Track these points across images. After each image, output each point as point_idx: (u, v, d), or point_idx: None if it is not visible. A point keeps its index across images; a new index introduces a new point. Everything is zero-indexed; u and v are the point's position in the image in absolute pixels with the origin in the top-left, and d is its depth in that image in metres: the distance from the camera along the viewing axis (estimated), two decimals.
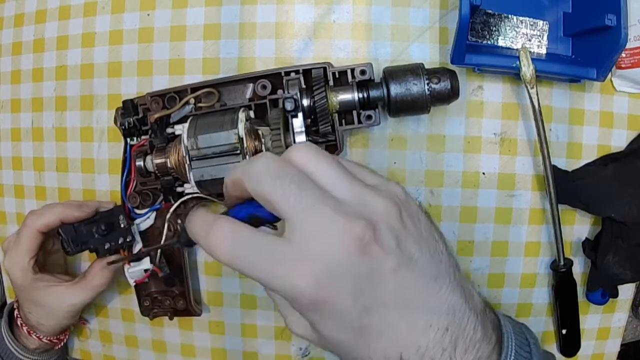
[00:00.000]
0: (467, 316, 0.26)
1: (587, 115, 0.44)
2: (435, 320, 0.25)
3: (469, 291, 0.27)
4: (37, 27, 0.50)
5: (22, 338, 0.45)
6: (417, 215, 0.27)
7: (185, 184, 0.41)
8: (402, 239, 0.25)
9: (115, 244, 0.42)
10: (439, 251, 0.27)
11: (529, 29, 0.42)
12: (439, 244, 0.27)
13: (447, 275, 0.26)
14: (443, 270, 0.26)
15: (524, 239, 0.45)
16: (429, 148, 0.44)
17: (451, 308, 0.25)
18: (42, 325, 0.44)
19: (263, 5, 0.44)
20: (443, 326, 0.25)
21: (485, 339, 0.26)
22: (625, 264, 0.42)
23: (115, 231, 0.42)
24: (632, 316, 0.49)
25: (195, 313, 0.46)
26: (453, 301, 0.26)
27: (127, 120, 0.42)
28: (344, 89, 0.39)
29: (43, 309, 0.43)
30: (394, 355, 0.25)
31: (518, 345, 0.28)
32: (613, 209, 0.42)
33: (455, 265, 0.27)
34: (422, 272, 0.25)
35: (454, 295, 0.26)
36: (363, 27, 0.44)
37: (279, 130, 0.37)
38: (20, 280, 0.42)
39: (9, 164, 0.52)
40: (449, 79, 0.38)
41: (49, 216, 0.41)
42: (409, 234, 0.25)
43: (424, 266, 0.25)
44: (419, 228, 0.26)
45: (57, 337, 0.46)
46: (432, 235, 0.27)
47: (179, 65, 0.46)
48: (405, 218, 0.25)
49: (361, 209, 0.24)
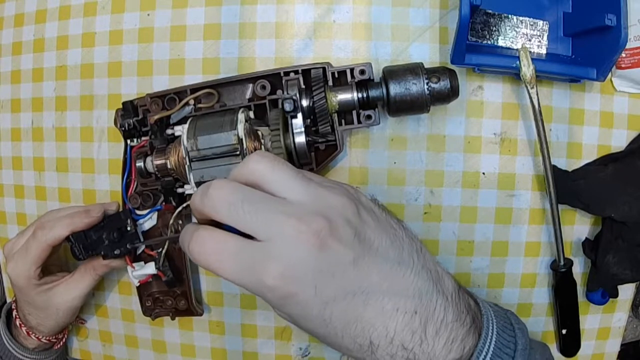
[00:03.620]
0: (435, 298, 0.27)
1: (587, 115, 0.44)
2: (402, 304, 0.26)
3: (436, 274, 0.28)
4: (37, 27, 0.50)
5: (20, 338, 0.45)
6: (370, 207, 0.28)
7: (185, 185, 0.41)
8: (359, 230, 0.26)
9: (124, 249, 0.42)
10: (399, 237, 0.28)
11: (529, 29, 0.42)
12: (397, 231, 0.28)
13: (411, 259, 0.27)
14: (405, 255, 0.27)
15: (524, 239, 0.45)
16: (429, 148, 0.44)
17: (417, 291, 0.26)
18: (42, 325, 0.44)
19: (263, 5, 0.44)
20: (411, 309, 0.26)
21: (459, 320, 0.27)
22: (625, 264, 0.42)
23: (124, 237, 0.42)
24: (632, 316, 0.49)
25: (197, 313, 0.46)
26: (419, 284, 0.27)
27: (127, 122, 0.42)
28: (343, 89, 0.39)
29: (43, 311, 0.43)
30: (364, 340, 0.26)
31: (500, 329, 0.28)
32: (613, 209, 0.42)
33: (420, 249, 0.29)
34: (383, 258, 0.26)
35: (419, 279, 0.27)
36: (363, 27, 0.44)
37: (278, 131, 0.37)
38: (23, 286, 0.42)
39: (9, 164, 0.52)
40: (448, 78, 0.38)
41: (59, 230, 0.40)
42: (365, 224, 0.27)
43: (384, 253, 0.27)
44: (375, 218, 0.28)
45: (56, 337, 0.46)
46: (389, 223, 0.28)
47: (179, 65, 0.46)
48: (361, 210, 0.27)
49: (317, 207, 0.26)
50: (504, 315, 0.30)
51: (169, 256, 0.44)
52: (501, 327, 0.28)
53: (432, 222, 0.45)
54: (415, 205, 0.44)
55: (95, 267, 0.44)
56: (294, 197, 0.26)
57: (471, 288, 0.45)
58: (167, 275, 0.43)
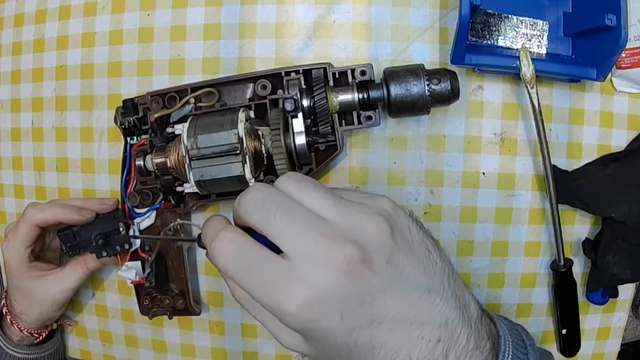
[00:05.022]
0: (460, 326, 0.26)
1: (587, 115, 0.44)
2: (428, 332, 0.25)
3: (464, 300, 0.27)
4: (37, 27, 0.50)
5: (6, 328, 0.45)
6: (407, 228, 0.27)
7: (185, 184, 0.41)
8: (392, 256, 0.25)
9: (112, 251, 0.42)
10: (432, 262, 0.27)
11: (529, 29, 0.42)
12: (432, 255, 0.27)
13: (441, 286, 0.26)
14: (437, 281, 0.26)
15: (524, 239, 0.45)
16: (429, 148, 0.44)
17: (444, 319, 0.26)
18: (25, 314, 0.44)
19: (263, 5, 0.44)
20: (435, 337, 0.25)
21: (479, 347, 0.26)
22: (625, 264, 0.42)
23: (114, 239, 0.42)
24: (632, 316, 0.49)
25: (195, 312, 0.46)
26: (447, 312, 0.26)
27: (127, 120, 0.42)
28: (344, 89, 0.39)
29: (29, 297, 0.44)
30: None
31: (515, 348, 0.28)
32: (613, 209, 0.42)
33: (451, 275, 0.27)
34: (414, 286, 0.25)
35: (448, 307, 0.26)
36: (363, 27, 0.44)
37: (278, 131, 0.37)
38: (14, 267, 0.43)
39: (9, 164, 0.52)
40: (449, 79, 0.38)
41: (47, 214, 0.41)
42: (399, 249, 0.25)
43: (416, 280, 0.25)
44: (411, 241, 0.26)
45: (38, 332, 0.46)
46: (424, 246, 0.27)
47: (179, 65, 0.46)
48: (395, 233, 0.26)
49: (350, 230, 0.24)
50: (516, 333, 0.30)
51: (165, 256, 0.44)
52: (516, 346, 0.28)
53: (432, 222, 0.45)
54: (415, 205, 0.44)
55: (87, 262, 0.44)
56: (327, 216, 0.25)
57: (471, 288, 0.45)
58: (149, 282, 0.44)
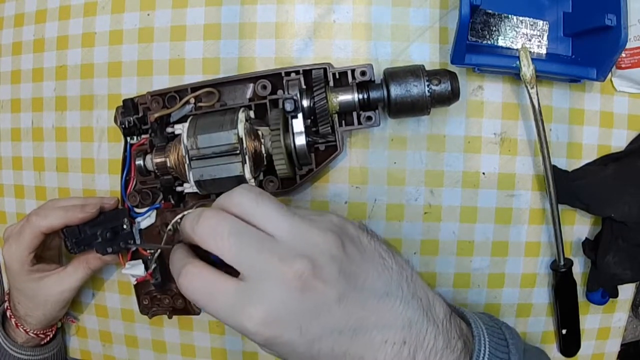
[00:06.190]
0: (425, 327, 0.27)
1: (587, 115, 0.44)
2: (391, 336, 0.26)
3: (427, 301, 0.28)
4: (37, 27, 0.50)
5: (10, 331, 0.45)
6: (358, 238, 0.28)
7: (184, 184, 0.41)
8: (344, 266, 0.26)
9: (117, 248, 0.42)
10: (388, 267, 0.28)
11: (529, 29, 0.42)
12: (387, 260, 0.28)
13: (400, 289, 0.27)
14: (394, 285, 0.27)
15: (524, 239, 0.45)
16: (429, 148, 0.44)
17: (407, 321, 0.26)
18: (30, 316, 0.44)
19: (263, 5, 0.44)
20: (400, 340, 0.26)
21: (449, 347, 0.27)
22: (625, 264, 0.42)
23: (118, 235, 0.42)
24: (632, 316, 0.49)
25: (194, 312, 0.46)
26: (409, 314, 0.26)
27: (127, 119, 0.42)
28: (344, 89, 0.39)
29: (32, 299, 0.44)
30: None
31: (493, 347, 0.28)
32: (613, 209, 0.42)
33: (410, 277, 0.28)
34: (370, 292, 0.26)
35: (409, 308, 0.27)
36: (363, 27, 0.44)
37: (278, 131, 0.37)
38: (16, 271, 0.43)
39: (9, 164, 0.52)
40: (449, 80, 0.38)
41: (52, 220, 0.41)
42: (350, 260, 0.26)
43: (371, 286, 0.26)
44: (362, 251, 0.27)
45: (44, 332, 0.46)
46: (377, 253, 0.28)
47: (179, 65, 0.46)
48: (346, 245, 0.27)
49: (301, 245, 0.26)
50: (499, 331, 0.30)
51: (165, 255, 0.44)
52: (494, 346, 0.28)
53: (432, 222, 0.45)
54: (415, 205, 0.44)
55: (89, 261, 0.44)
56: (277, 232, 0.26)
57: (471, 288, 0.45)
58: (155, 279, 0.43)
